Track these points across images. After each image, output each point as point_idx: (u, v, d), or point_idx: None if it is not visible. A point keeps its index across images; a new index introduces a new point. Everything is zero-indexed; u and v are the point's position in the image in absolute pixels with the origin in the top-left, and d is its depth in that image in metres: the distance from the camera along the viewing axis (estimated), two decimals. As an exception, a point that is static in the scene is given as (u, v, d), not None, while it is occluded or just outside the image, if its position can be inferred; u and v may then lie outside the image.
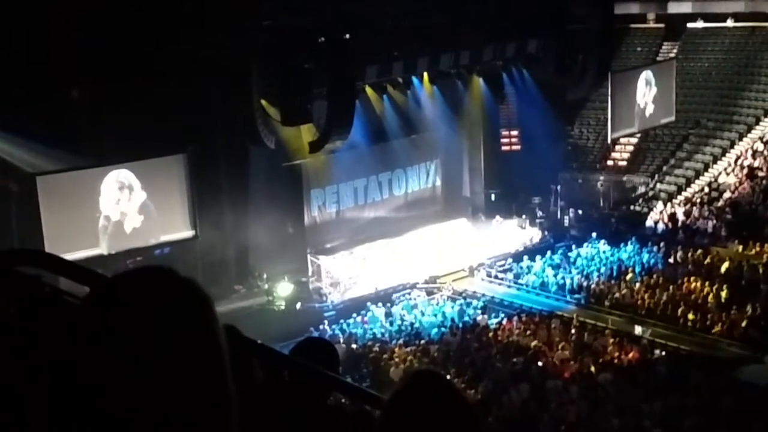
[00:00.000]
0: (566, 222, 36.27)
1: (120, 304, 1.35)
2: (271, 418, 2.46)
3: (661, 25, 42.43)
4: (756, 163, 35.87)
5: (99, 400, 1.30)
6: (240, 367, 2.07)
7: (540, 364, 24.49)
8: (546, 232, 35.65)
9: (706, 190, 36.08)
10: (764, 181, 34.85)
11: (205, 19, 26.83)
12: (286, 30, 27.69)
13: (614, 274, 31.02)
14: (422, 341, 26.79)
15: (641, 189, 37.86)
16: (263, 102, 29.28)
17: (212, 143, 30.02)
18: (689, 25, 41.70)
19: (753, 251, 30.81)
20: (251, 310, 29.23)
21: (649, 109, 38.10)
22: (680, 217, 34.69)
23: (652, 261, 31.60)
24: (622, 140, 39.40)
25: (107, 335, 1.32)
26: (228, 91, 28.09)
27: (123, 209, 28.51)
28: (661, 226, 34.60)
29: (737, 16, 40.29)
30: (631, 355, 24.98)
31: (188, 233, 29.76)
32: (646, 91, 37.82)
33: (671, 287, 28.89)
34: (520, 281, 31.67)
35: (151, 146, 27.89)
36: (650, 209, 36.10)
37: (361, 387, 2.65)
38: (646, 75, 38.06)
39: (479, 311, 29.27)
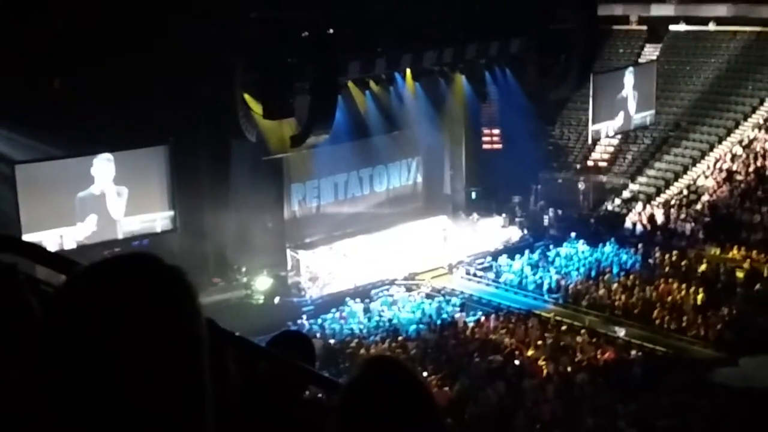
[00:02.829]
0: (546, 221, 36.39)
1: (97, 291, 1.32)
2: (247, 410, 2.45)
3: (644, 27, 42.61)
4: (734, 167, 36.10)
5: (72, 389, 1.28)
6: (216, 360, 2.07)
7: (516, 362, 24.58)
8: (525, 231, 35.76)
9: (685, 192, 36.28)
10: (742, 185, 35.08)
11: (190, 11, 26.72)
12: (270, 24, 27.63)
13: (592, 274, 31.15)
14: (400, 338, 26.81)
15: (620, 190, 37.99)
16: (246, 95, 29.19)
17: (194, 135, 29.91)
18: (671, 27, 41.90)
19: (730, 254, 31.02)
20: (229, 303, 29.14)
21: (631, 111, 38.27)
22: (659, 218, 34.87)
23: (630, 262, 31.75)
24: (602, 141, 39.56)
25: (82, 322, 1.30)
26: (211, 83, 27.97)
27: (107, 192, 28.48)
28: (639, 228, 34.77)
29: (719, 20, 40.49)
30: (607, 355, 25.10)
31: (167, 225, 29.66)
32: (629, 92, 37.96)
33: (648, 288, 29.04)
34: (498, 280, 31.74)
35: (132, 137, 27.78)
36: (629, 210, 36.27)
37: (337, 380, 2.65)
38: (630, 75, 38.19)
39: (457, 309, 29.32)
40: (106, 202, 28.56)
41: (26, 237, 24.03)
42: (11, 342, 1.53)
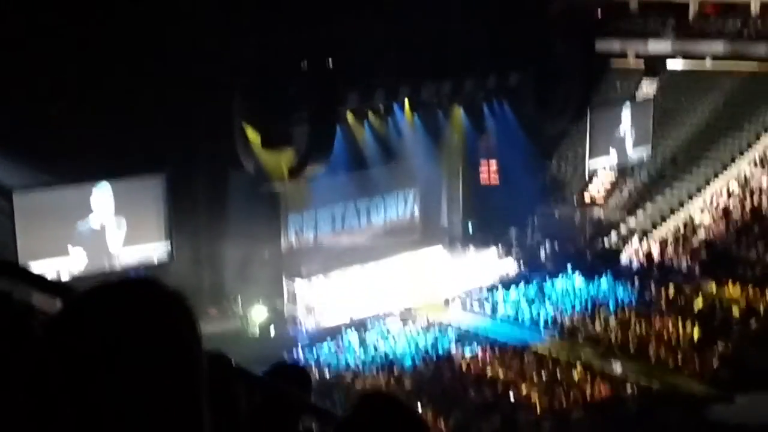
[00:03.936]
0: (542, 255, 36.35)
1: (96, 316, 1.30)
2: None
3: (641, 63, 42.81)
4: (731, 203, 36.16)
5: (69, 413, 1.27)
6: (225, 395, 2.05)
7: (511, 396, 24.48)
8: (521, 265, 35.69)
9: (681, 228, 36.29)
10: (738, 221, 35.11)
11: (189, 40, 26.85)
12: (268, 54, 27.75)
13: (588, 308, 31.08)
14: (395, 370, 26.71)
15: (617, 224, 37.99)
16: (244, 125, 29.25)
17: (192, 165, 29.95)
18: (669, 63, 42.12)
19: (726, 291, 30.97)
20: (225, 333, 28.96)
21: (627, 145, 38.41)
22: (655, 254, 34.86)
23: (626, 297, 31.70)
24: (599, 176, 39.62)
25: (80, 347, 1.28)
26: (209, 112, 28.07)
27: (104, 221, 28.43)
28: (635, 263, 34.74)
29: (716, 57, 40.71)
30: (602, 390, 25.01)
31: (163, 254, 29.60)
32: (626, 127, 38.15)
33: (644, 324, 28.97)
34: (494, 313, 31.66)
35: (130, 165, 27.80)
36: (625, 245, 36.25)
37: (332, 411, 2.63)
38: (627, 110, 38.42)
39: (453, 342, 29.21)
40: (104, 234, 28.49)
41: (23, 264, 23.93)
42: (11, 368, 1.51)
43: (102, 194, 28.28)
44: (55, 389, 1.28)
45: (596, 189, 40.20)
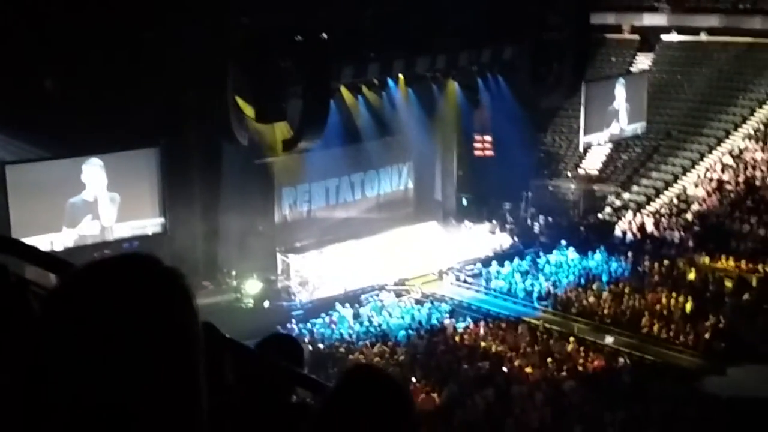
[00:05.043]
0: (536, 229, 36.43)
1: (94, 292, 1.31)
2: (236, 412, 2.46)
3: (636, 37, 42.72)
4: (725, 177, 36.21)
5: (65, 392, 1.28)
6: (213, 365, 2.08)
7: (505, 369, 24.60)
8: (515, 238, 35.78)
9: (675, 201, 36.37)
10: (732, 195, 35.19)
11: (183, 13, 26.71)
12: (262, 27, 27.62)
13: (582, 282, 31.20)
14: (389, 343, 26.81)
15: (611, 198, 38.07)
16: (238, 98, 29.14)
17: (185, 138, 29.87)
18: (663, 37, 42.02)
19: (719, 264, 31.09)
20: (219, 306, 28.97)
21: (622, 119, 38.36)
22: (649, 227, 34.94)
23: (620, 270, 31.81)
24: (593, 149, 39.63)
25: (75, 325, 1.30)
26: (203, 86, 27.96)
27: (98, 196, 28.36)
28: (629, 236, 34.83)
29: (711, 30, 40.61)
30: (595, 362, 25.15)
31: (157, 228, 29.58)
32: (621, 101, 38.07)
33: (637, 297, 29.10)
34: (488, 286, 31.76)
35: (123, 139, 27.72)
36: (619, 219, 36.34)
37: (326, 383, 2.65)
38: (622, 85, 38.33)
39: (447, 315, 29.32)
40: (98, 208, 28.42)
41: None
42: (7, 341, 1.53)
43: (96, 171, 28.17)
44: (52, 363, 1.29)
45: (590, 163, 40.23)
